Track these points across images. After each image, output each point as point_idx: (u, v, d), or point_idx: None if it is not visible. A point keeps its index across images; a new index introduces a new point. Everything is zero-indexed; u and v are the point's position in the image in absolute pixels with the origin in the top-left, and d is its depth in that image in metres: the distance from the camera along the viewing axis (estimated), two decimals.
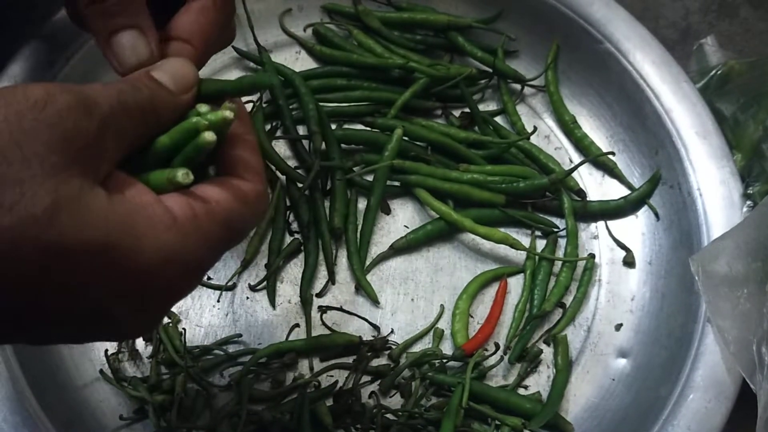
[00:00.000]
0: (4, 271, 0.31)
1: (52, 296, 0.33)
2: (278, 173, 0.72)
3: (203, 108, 0.40)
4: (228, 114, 0.38)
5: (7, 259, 0.31)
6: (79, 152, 0.33)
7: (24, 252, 0.31)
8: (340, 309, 0.69)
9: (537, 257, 0.71)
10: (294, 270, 0.70)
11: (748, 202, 0.65)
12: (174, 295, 0.38)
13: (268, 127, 0.74)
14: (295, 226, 0.72)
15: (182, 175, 0.37)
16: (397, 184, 0.73)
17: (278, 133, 0.75)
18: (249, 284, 0.69)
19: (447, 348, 0.68)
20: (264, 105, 0.74)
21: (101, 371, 0.64)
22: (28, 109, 0.32)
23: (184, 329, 0.66)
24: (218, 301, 0.68)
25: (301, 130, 0.75)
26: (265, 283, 0.69)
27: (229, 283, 0.68)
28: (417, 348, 0.68)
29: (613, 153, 0.74)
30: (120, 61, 0.43)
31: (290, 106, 0.74)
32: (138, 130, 0.37)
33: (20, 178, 0.31)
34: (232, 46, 0.76)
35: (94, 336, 0.40)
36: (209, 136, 0.37)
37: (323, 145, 0.71)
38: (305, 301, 0.68)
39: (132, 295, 0.35)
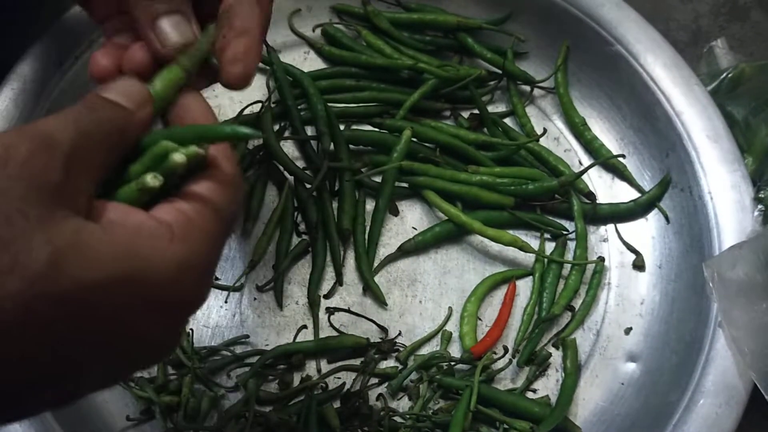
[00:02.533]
0: (28, 339, 0.30)
1: (82, 345, 0.32)
2: (286, 174, 0.72)
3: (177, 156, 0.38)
4: (200, 151, 0.37)
5: (28, 324, 0.30)
6: (55, 196, 0.32)
7: (41, 311, 0.30)
8: (348, 311, 0.68)
9: (546, 260, 0.71)
10: (302, 271, 0.70)
11: (760, 206, 0.65)
12: (196, 302, 0.38)
13: (276, 127, 0.74)
14: (302, 227, 0.71)
15: (151, 178, 0.36)
16: (405, 185, 0.73)
17: (286, 134, 0.74)
18: (257, 285, 0.69)
19: (455, 351, 0.68)
20: (273, 105, 0.74)
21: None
22: None
23: (191, 330, 0.66)
24: (226, 302, 0.68)
25: (309, 130, 0.74)
26: (272, 284, 0.69)
27: (237, 284, 0.68)
28: (425, 350, 0.67)
29: (623, 155, 0.74)
30: (163, 42, 0.43)
31: (299, 107, 0.74)
32: (105, 154, 0.36)
33: (9, 239, 0.30)
34: None
35: (134, 367, 0.39)
36: (179, 157, 0.36)
37: (331, 146, 0.71)
38: (313, 303, 0.68)
39: (158, 317, 0.35)
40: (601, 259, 0.71)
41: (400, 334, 0.68)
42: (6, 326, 0.29)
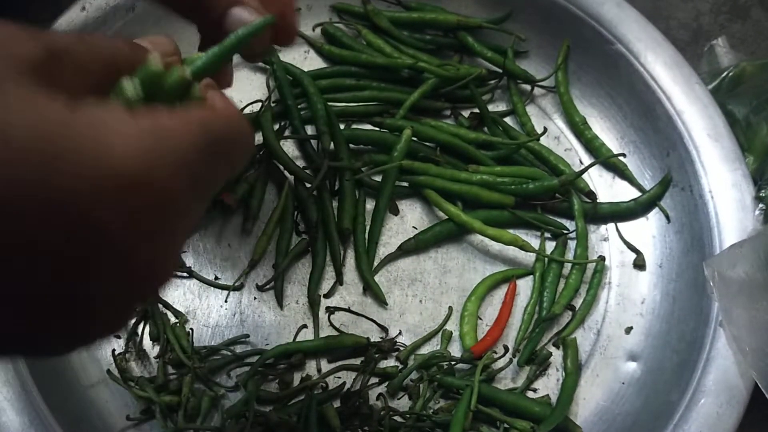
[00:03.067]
0: None
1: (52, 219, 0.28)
2: (286, 173, 0.72)
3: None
4: (172, 57, 0.36)
5: None
6: (35, 72, 0.30)
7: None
8: (348, 310, 0.68)
9: (546, 259, 0.70)
10: (302, 270, 0.70)
11: (761, 205, 0.65)
12: (172, 203, 0.32)
13: (276, 126, 0.74)
14: (302, 226, 0.71)
15: (128, 85, 0.33)
16: (405, 184, 0.73)
17: (286, 133, 0.74)
18: (257, 284, 0.68)
19: (455, 350, 0.67)
20: (273, 104, 0.74)
21: (108, 371, 0.64)
22: None
23: (191, 329, 0.66)
24: (226, 301, 0.68)
25: (309, 130, 0.74)
26: (272, 283, 0.68)
27: (237, 284, 0.68)
28: (425, 350, 0.67)
29: (624, 155, 0.74)
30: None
31: (298, 106, 0.74)
32: (104, 66, 0.34)
33: None
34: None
35: (133, 285, 0.33)
36: (154, 61, 0.34)
37: (331, 146, 0.71)
38: (313, 302, 0.68)
39: (119, 204, 0.30)
40: (602, 258, 0.71)
41: (400, 333, 0.68)
42: None
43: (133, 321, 0.66)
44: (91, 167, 0.29)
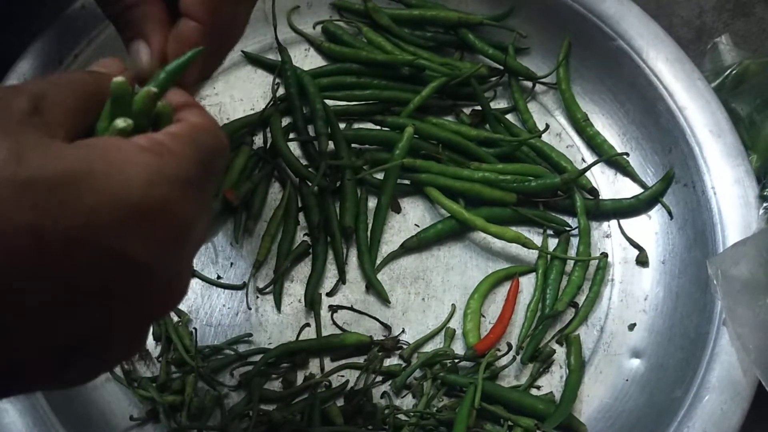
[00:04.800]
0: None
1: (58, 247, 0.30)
2: (290, 172, 0.72)
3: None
4: (152, 89, 0.37)
5: None
6: (23, 121, 0.32)
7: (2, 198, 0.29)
8: (351, 308, 0.68)
9: (549, 256, 0.70)
10: (305, 269, 0.69)
11: (765, 204, 0.65)
12: (183, 221, 0.34)
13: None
14: (303, 225, 0.71)
15: (120, 122, 0.35)
16: (407, 182, 0.73)
17: (289, 132, 0.74)
18: (257, 287, 0.68)
19: (459, 348, 0.67)
20: (278, 102, 0.74)
21: (111, 371, 0.63)
22: None
23: (194, 329, 0.66)
24: (228, 300, 0.68)
25: (311, 129, 0.74)
26: (272, 286, 0.68)
27: (240, 283, 0.68)
28: (428, 348, 0.67)
29: (627, 154, 0.74)
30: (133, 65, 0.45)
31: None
32: (77, 99, 0.35)
33: None
34: (242, 51, 0.76)
35: (138, 308, 0.34)
36: (143, 94, 0.36)
37: (332, 145, 0.71)
38: (315, 301, 0.68)
39: (137, 230, 0.32)
40: (605, 255, 0.71)
41: (403, 331, 0.68)
42: None
43: None
44: (110, 201, 0.31)
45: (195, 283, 0.68)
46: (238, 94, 0.76)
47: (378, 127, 0.74)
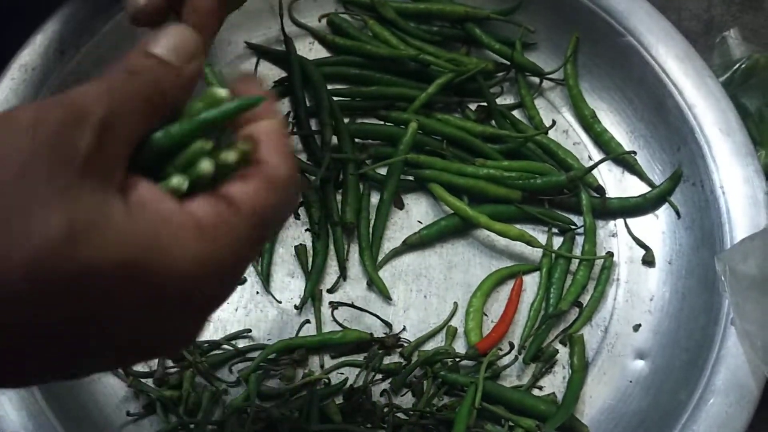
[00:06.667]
0: (31, 310, 0.29)
1: (86, 326, 0.31)
2: None
3: (222, 92, 0.35)
4: (231, 157, 0.34)
5: (33, 295, 0.28)
6: (85, 168, 0.30)
7: (48, 284, 0.29)
8: (352, 305, 0.67)
9: (553, 255, 0.69)
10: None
11: None
12: (212, 305, 0.36)
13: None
14: (303, 220, 0.70)
15: (177, 182, 0.33)
16: (411, 178, 0.72)
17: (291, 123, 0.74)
18: (257, 289, 0.68)
19: (460, 346, 0.67)
20: (275, 85, 0.74)
21: None
22: (20, 137, 0.29)
23: None
24: None
25: (313, 124, 0.73)
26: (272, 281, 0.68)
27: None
28: (429, 346, 0.67)
29: (634, 152, 0.72)
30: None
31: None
32: (144, 119, 0.33)
33: (30, 207, 0.28)
34: (247, 43, 0.75)
35: (133, 359, 0.38)
36: (207, 165, 0.33)
37: (335, 139, 0.70)
38: (315, 297, 0.67)
39: (169, 313, 0.33)
40: (610, 254, 0.70)
41: (404, 329, 0.67)
42: (9, 295, 0.28)
43: None
44: (155, 281, 0.31)
45: None
46: None
47: (382, 123, 0.73)
